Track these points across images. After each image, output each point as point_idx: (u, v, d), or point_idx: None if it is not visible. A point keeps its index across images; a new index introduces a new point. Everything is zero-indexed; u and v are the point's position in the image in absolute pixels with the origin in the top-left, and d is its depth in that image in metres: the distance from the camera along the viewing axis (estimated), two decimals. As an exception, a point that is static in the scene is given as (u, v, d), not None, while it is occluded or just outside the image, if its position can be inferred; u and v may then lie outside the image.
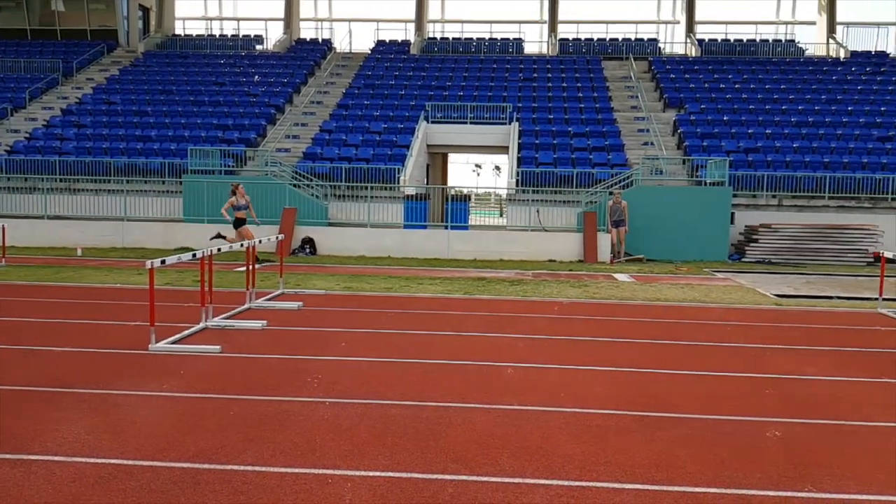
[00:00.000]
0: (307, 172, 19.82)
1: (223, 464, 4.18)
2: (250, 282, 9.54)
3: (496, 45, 31.68)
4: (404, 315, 9.36)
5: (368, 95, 26.04)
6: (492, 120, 23.36)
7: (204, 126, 23.21)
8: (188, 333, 7.66)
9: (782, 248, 17.70)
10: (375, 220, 18.40)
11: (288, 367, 6.47)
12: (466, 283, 12.69)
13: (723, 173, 18.13)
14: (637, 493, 3.89)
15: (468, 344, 7.65)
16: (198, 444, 4.49)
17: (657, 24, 34.09)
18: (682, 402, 5.64)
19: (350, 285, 12.02)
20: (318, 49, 31.53)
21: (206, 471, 4.08)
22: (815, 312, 10.27)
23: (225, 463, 4.20)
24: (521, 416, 5.17)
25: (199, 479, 3.97)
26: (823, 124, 22.72)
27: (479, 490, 3.89)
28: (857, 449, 4.65)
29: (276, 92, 26.30)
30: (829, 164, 20.09)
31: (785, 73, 27.37)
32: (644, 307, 10.44)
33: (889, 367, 6.91)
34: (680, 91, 25.65)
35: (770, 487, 4.00)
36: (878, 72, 27.24)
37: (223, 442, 4.53)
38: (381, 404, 5.39)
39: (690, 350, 7.60)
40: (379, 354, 7.06)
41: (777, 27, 33.50)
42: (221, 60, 29.83)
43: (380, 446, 4.51)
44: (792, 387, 6.16)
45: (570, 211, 18.71)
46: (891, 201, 19.17)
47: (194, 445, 4.47)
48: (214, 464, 4.18)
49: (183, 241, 17.61)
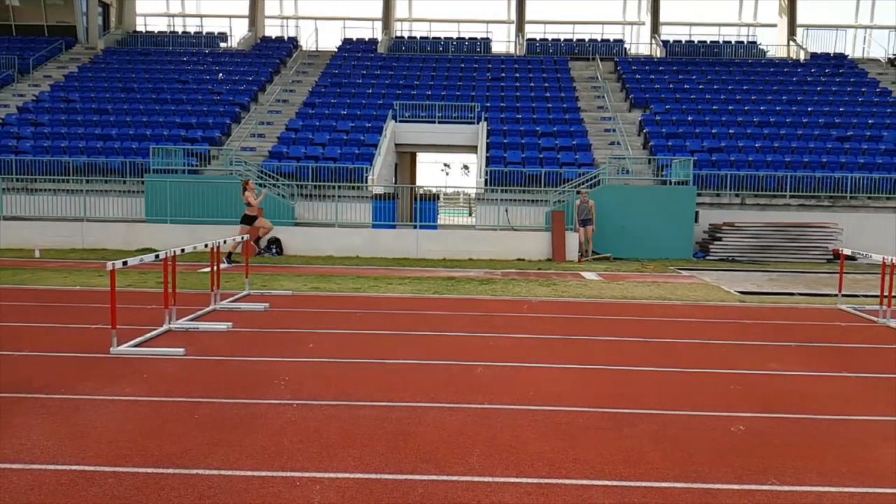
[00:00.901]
0: (273, 172, 19.60)
1: (188, 468, 4.10)
2: (215, 283, 9.39)
3: (464, 44, 31.75)
4: (373, 315, 9.30)
5: (335, 94, 25.86)
6: (460, 119, 23.39)
7: (166, 125, 22.80)
8: (151, 336, 7.50)
9: (745, 246, 18.05)
10: (343, 219, 18.27)
11: (254, 370, 6.37)
12: (436, 282, 12.67)
13: (687, 173, 18.42)
14: (606, 490, 3.92)
15: (438, 344, 7.63)
16: (162, 448, 4.40)
17: (623, 24, 34.54)
18: (650, 398, 5.70)
19: (317, 286, 11.91)
20: (283, 47, 31.21)
21: (171, 476, 3.99)
22: (777, 309, 10.48)
23: (190, 467, 4.11)
24: (491, 415, 5.17)
25: (164, 484, 3.88)
26: (784, 124, 23.25)
27: (450, 490, 3.88)
28: (818, 442, 4.75)
29: (241, 90, 25.96)
30: (790, 164, 20.56)
31: (747, 74, 27.94)
32: (612, 305, 10.54)
33: (849, 362, 7.08)
34: (645, 91, 26.00)
35: (735, 481, 4.06)
36: (837, 73, 27.97)
37: (188, 446, 4.44)
38: (349, 405, 5.34)
39: (657, 347, 7.69)
40: (347, 355, 7.00)
41: (739, 29, 34.21)
42: (184, 58, 29.35)
43: (348, 448, 4.46)
44: (756, 382, 6.27)
45: (538, 210, 18.83)
46: (849, 200, 19.70)
47: (158, 450, 4.37)
48: (179, 468, 4.10)
49: (145, 242, 17.28)
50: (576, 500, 3.78)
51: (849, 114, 24.05)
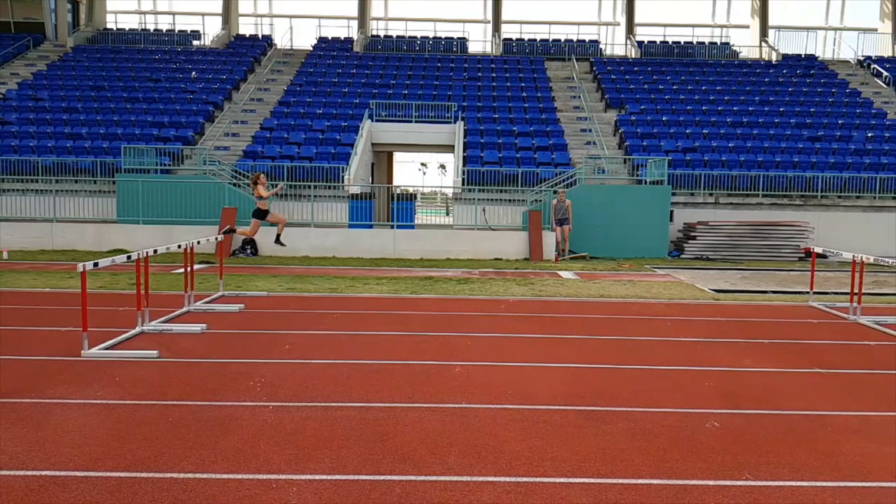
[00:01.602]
0: (247, 171, 19.38)
1: (162, 472, 4.04)
2: (189, 284, 9.27)
3: (440, 44, 31.72)
4: (350, 316, 9.25)
5: (311, 93, 25.68)
6: (437, 119, 23.37)
7: (138, 123, 22.45)
8: (123, 338, 7.38)
9: (719, 245, 18.29)
10: (319, 219, 18.15)
11: (229, 371, 6.30)
12: (413, 282, 12.65)
13: (662, 172, 18.60)
14: (583, 487, 3.94)
15: (415, 344, 7.61)
16: (135, 452, 4.33)
17: (598, 25, 34.76)
18: (627, 396, 5.74)
19: (293, 286, 11.82)
20: (258, 45, 30.92)
21: (144, 479, 3.93)
22: (750, 306, 10.63)
23: (164, 471, 4.05)
24: (469, 415, 5.17)
25: (137, 488, 3.82)
26: (757, 125, 23.59)
27: (428, 490, 3.86)
28: (791, 437, 4.82)
29: (215, 89, 25.67)
30: (762, 164, 20.86)
31: (720, 74, 28.30)
32: (588, 304, 10.61)
33: (820, 358, 7.20)
34: (620, 92, 26.21)
35: (710, 477, 4.11)
36: (808, 74, 28.45)
37: (162, 449, 4.38)
38: (326, 406, 5.30)
39: (634, 345, 7.75)
40: (324, 356, 6.95)
41: (713, 30, 34.63)
42: (156, 56, 28.93)
43: (325, 449, 4.43)
44: (729, 379, 6.35)
45: (515, 210, 18.89)
46: (820, 199, 20.04)
47: (131, 454, 4.30)
48: (153, 472, 4.03)
49: (117, 243, 17.01)
50: (554, 499, 3.79)
51: (819, 114, 24.48)
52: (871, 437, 4.84)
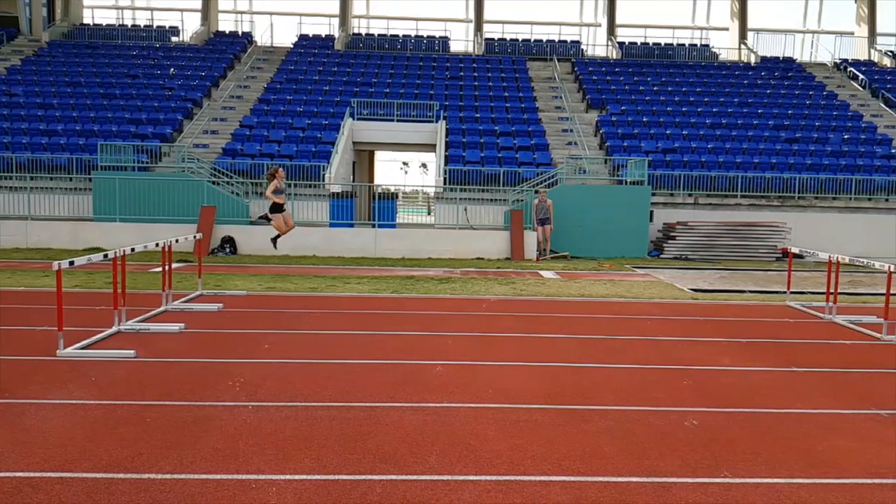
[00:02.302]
0: (226, 169, 19.23)
1: (140, 472, 3.99)
2: (166, 283, 9.16)
3: (422, 42, 31.68)
4: (330, 315, 9.21)
5: (291, 90, 25.52)
6: (419, 118, 23.34)
7: (115, 120, 22.16)
8: (100, 338, 7.28)
9: (698, 245, 18.47)
10: (300, 218, 17.99)
11: (208, 371, 6.23)
12: (394, 281, 12.62)
13: (642, 173, 18.74)
14: (564, 485, 3.95)
15: (396, 343, 7.60)
16: (111, 452, 4.27)
17: (579, 26, 34.94)
18: (607, 394, 5.78)
19: (273, 285, 11.74)
20: (237, 42, 30.66)
21: (121, 480, 3.88)
22: (728, 306, 10.75)
23: (142, 472, 4.00)
24: (450, 414, 5.16)
25: (114, 489, 3.77)
26: (735, 126, 23.85)
27: (408, 489, 3.86)
28: (768, 435, 4.88)
29: (194, 86, 25.41)
30: (740, 165, 21.10)
31: (700, 76, 28.58)
32: (569, 303, 10.65)
33: (797, 357, 7.30)
34: (602, 92, 26.37)
35: (688, 475, 4.14)
36: (786, 77, 28.83)
37: (139, 450, 4.32)
38: (306, 406, 5.27)
39: (614, 344, 7.80)
40: (304, 356, 6.91)
41: (693, 32, 34.96)
42: (134, 52, 28.57)
43: (305, 449, 4.40)
44: (708, 377, 6.41)
45: (497, 209, 18.92)
46: (797, 200, 20.33)
47: (108, 454, 4.24)
48: (130, 473, 3.98)
49: (93, 241, 16.77)
50: (534, 497, 3.80)
51: (797, 116, 24.82)
52: (846, 434, 4.92)
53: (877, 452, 4.56)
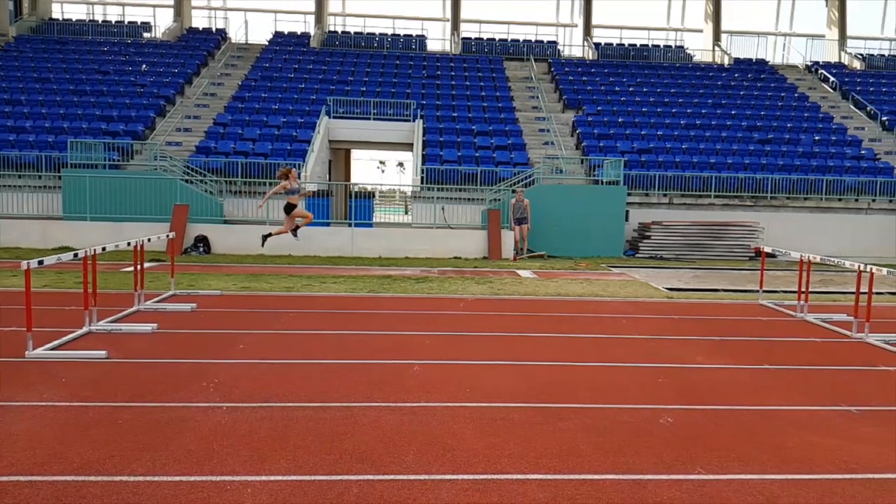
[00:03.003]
0: (200, 167, 18.99)
1: (112, 475, 3.92)
2: (139, 283, 9.02)
3: (399, 41, 31.61)
4: (306, 315, 9.14)
5: (266, 88, 25.30)
6: (395, 116, 23.28)
7: (85, 117, 21.77)
8: (70, 339, 7.14)
9: (673, 244, 18.67)
10: (274, 217, 17.85)
11: (181, 372, 6.14)
12: (371, 281, 12.57)
13: (618, 173, 18.89)
14: (540, 483, 3.96)
15: (373, 343, 7.56)
16: (83, 455, 4.18)
17: (556, 26, 35.11)
18: (583, 392, 5.80)
19: (248, 285, 11.62)
20: (211, 39, 30.31)
21: (93, 483, 3.81)
22: (703, 304, 10.87)
23: (114, 474, 3.93)
24: (428, 413, 5.15)
25: (85, 492, 3.70)
26: (709, 127, 24.15)
27: (385, 489, 3.83)
28: (741, 432, 4.94)
29: (166, 83, 25.06)
30: (714, 165, 21.36)
31: (675, 77, 28.88)
32: (546, 302, 10.69)
33: (769, 355, 7.40)
34: (578, 93, 26.52)
35: (664, 471, 4.17)
36: (759, 78, 29.27)
37: (111, 452, 4.24)
38: (282, 407, 5.22)
39: (590, 343, 7.85)
40: (279, 356, 6.84)
41: (668, 33, 35.35)
42: (105, 48, 28.10)
43: (281, 449, 4.36)
44: (683, 375, 6.48)
45: (474, 209, 18.93)
46: (770, 200, 20.64)
47: (79, 457, 4.15)
48: (102, 475, 3.91)
49: (64, 240, 16.45)
50: (511, 495, 3.80)
51: (769, 117, 25.21)
52: (817, 430, 4.99)
53: (847, 448, 4.64)
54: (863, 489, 4.01)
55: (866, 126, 25.79)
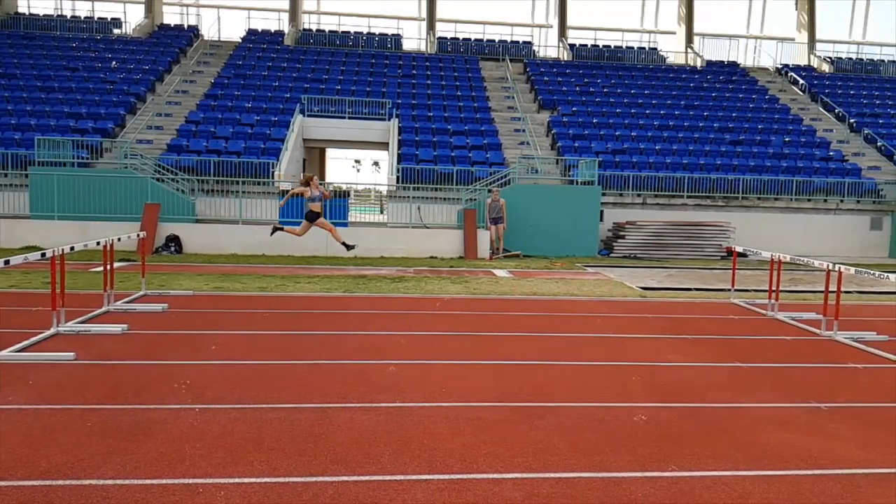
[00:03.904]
0: (171, 166, 18.73)
1: (80, 479, 3.83)
2: (108, 283, 8.86)
3: (374, 40, 31.51)
4: (280, 315, 9.05)
5: (239, 86, 25.04)
6: (371, 115, 23.19)
7: (53, 114, 21.35)
8: (37, 340, 6.99)
9: (646, 244, 18.85)
10: (248, 216, 17.69)
11: (152, 373, 6.04)
12: (346, 280, 12.50)
13: (593, 173, 19.03)
14: (516, 482, 3.96)
15: (349, 343, 7.51)
16: (50, 459, 4.09)
17: (532, 27, 35.27)
18: (558, 391, 5.82)
19: (220, 285, 11.47)
20: (183, 35, 29.93)
21: (60, 487, 3.72)
22: (676, 303, 10.99)
23: (82, 478, 3.84)
24: (403, 414, 5.12)
25: (52, 496, 3.61)
26: (682, 128, 24.44)
27: (361, 490, 3.80)
28: (713, 429, 4.99)
29: (137, 79, 24.68)
30: (687, 166, 21.63)
31: (648, 79, 29.19)
32: (522, 302, 10.72)
33: (741, 353, 7.51)
34: (553, 93, 26.67)
35: (638, 469, 4.20)
36: (731, 80, 29.71)
37: (80, 455, 4.15)
38: (256, 408, 5.15)
39: (565, 342, 7.88)
40: (253, 357, 6.76)
41: (641, 35, 35.71)
42: (74, 44, 27.58)
43: (255, 452, 4.30)
44: (656, 373, 6.53)
45: (450, 208, 18.93)
46: (741, 200, 20.95)
47: (46, 461, 4.06)
48: (70, 479, 3.82)
49: (30, 240, 16.11)
50: (487, 494, 3.80)
51: (741, 119, 25.60)
52: (787, 427, 5.07)
53: (816, 444, 4.72)
54: (832, 485, 4.07)
55: (835, 128, 26.33)
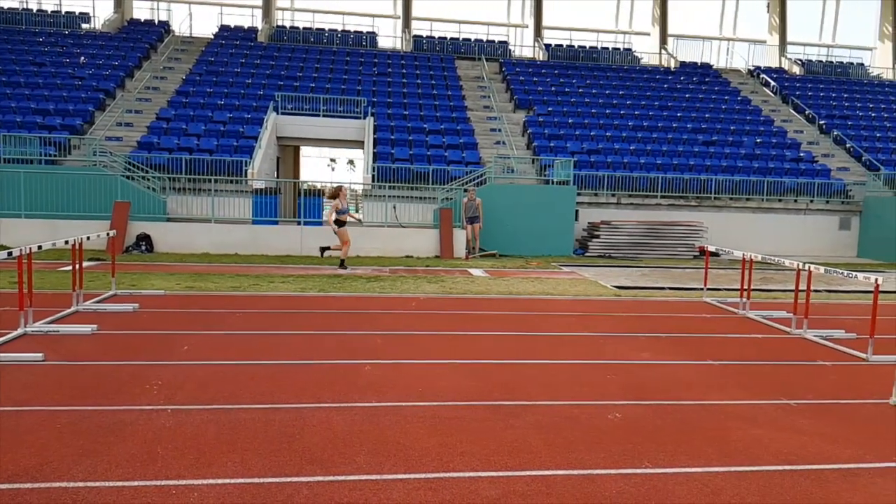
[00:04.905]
0: (142, 163, 18.43)
1: (49, 482, 3.76)
2: (77, 282, 8.69)
3: (349, 37, 31.34)
4: (254, 315, 8.96)
5: (212, 83, 24.73)
6: (346, 113, 23.07)
7: (19, 110, 20.87)
8: (4, 341, 6.83)
9: (621, 243, 19.02)
10: (220, 214, 17.48)
11: (123, 374, 5.94)
12: (321, 280, 12.42)
13: (568, 173, 19.14)
14: (492, 481, 3.97)
15: (324, 343, 7.46)
16: (18, 462, 4.00)
17: (507, 26, 35.35)
18: (534, 390, 5.85)
19: (193, 285, 11.32)
20: (154, 31, 29.46)
21: (28, 490, 3.64)
22: (649, 302, 11.11)
23: (51, 481, 3.77)
24: (379, 413, 5.11)
25: (20, 500, 3.54)
26: (656, 129, 24.70)
27: (336, 490, 3.78)
28: (686, 426, 5.05)
29: (106, 75, 24.24)
30: (660, 166, 21.86)
31: (623, 79, 29.44)
32: (498, 301, 10.75)
33: (713, 351, 7.61)
34: (529, 93, 26.77)
35: (612, 466, 4.24)
36: (704, 82, 30.10)
37: (49, 458, 4.07)
38: (229, 409, 5.09)
39: (540, 340, 7.92)
40: (226, 357, 6.68)
41: (616, 36, 35.99)
42: (40, 38, 27.00)
43: (229, 452, 4.25)
44: (630, 371, 6.60)
45: (426, 207, 18.90)
46: (714, 200, 21.23)
47: (14, 464, 3.97)
48: (39, 482, 3.74)
49: (-3, 238, 15.76)
50: (463, 493, 3.80)
51: (713, 120, 25.95)
52: (758, 424, 5.15)
53: (786, 440, 4.80)
54: (802, 480, 4.15)
55: (805, 129, 26.82)
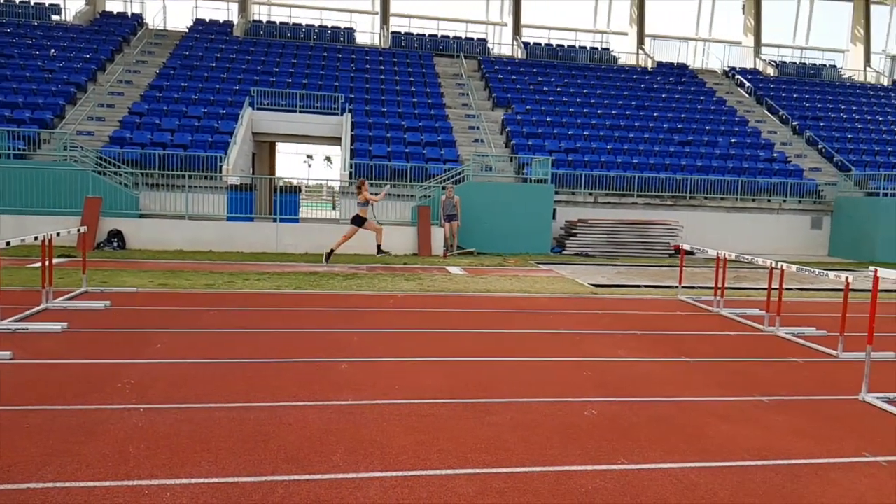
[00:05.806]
0: (114, 158, 18.12)
1: (17, 483, 3.67)
2: (47, 279, 8.52)
3: (327, 33, 31.12)
4: (229, 313, 8.86)
5: (186, 77, 24.39)
6: (323, 109, 22.90)
7: (-13, 103, 20.42)
8: (-30, 338, 6.68)
9: (597, 242, 19.15)
10: (194, 211, 17.27)
11: (94, 373, 5.83)
12: (297, 277, 12.32)
13: (546, 171, 19.21)
14: (469, 478, 3.96)
15: (300, 341, 7.40)
16: (-18, 464, 3.91)
17: (486, 24, 35.35)
18: (511, 387, 5.86)
19: (166, 282, 11.17)
20: (127, 24, 28.98)
21: (-7, 494, 3.56)
22: (625, 300, 11.19)
23: (20, 482, 3.69)
24: (356, 411, 5.08)
25: (-17, 504, 3.45)
26: (633, 128, 24.89)
27: (312, 489, 3.75)
28: (661, 422, 5.10)
29: (77, 68, 23.78)
30: (637, 165, 22.04)
31: (601, 79, 29.61)
32: (475, 298, 10.76)
33: (687, 348, 7.69)
34: (507, 91, 26.81)
35: (588, 462, 4.26)
36: (680, 82, 30.39)
37: (17, 458, 3.98)
38: (203, 408, 5.03)
39: (518, 338, 7.94)
40: (200, 355, 6.60)
41: (594, 36, 36.19)
42: (8, 30, 26.40)
43: (203, 452, 4.19)
44: (606, 368, 6.64)
45: (404, 205, 18.83)
46: (689, 199, 21.46)
47: (-23, 466, 3.88)
48: (6, 484, 3.66)
49: (-35, 234, 15.40)
50: (440, 491, 3.79)
51: (689, 120, 26.22)
52: (732, 420, 5.21)
53: (760, 436, 4.86)
54: (775, 475, 4.20)
55: (778, 130, 27.22)
